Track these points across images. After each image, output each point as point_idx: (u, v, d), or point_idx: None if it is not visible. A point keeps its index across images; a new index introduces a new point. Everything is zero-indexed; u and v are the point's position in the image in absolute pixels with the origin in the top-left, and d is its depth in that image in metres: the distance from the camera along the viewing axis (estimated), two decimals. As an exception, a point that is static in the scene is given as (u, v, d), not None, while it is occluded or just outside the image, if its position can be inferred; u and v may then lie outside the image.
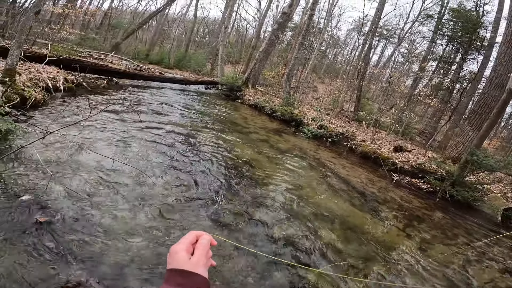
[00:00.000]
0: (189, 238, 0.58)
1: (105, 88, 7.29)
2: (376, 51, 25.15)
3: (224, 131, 6.32)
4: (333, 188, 4.67)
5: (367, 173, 6.20)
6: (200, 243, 0.58)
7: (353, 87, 13.06)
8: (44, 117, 4.25)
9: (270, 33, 13.74)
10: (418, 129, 12.69)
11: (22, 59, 5.67)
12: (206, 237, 0.60)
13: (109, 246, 2.12)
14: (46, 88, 5.28)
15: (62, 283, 1.70)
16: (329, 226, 3.35)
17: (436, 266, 3.10)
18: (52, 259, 1.88)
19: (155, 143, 4.39)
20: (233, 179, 3.90)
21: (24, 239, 1.96)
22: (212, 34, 27.30)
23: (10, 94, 4.15)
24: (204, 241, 0.59)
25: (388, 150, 7.56)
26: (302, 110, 10.26)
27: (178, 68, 17.47)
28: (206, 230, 2.56)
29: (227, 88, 11.87)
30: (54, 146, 3.34)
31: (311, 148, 7.03)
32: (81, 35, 13.26)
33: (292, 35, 23.41)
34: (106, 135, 4.19)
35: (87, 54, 9.53)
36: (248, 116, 8.90)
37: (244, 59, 17.43)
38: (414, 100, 12.22)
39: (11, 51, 4.52)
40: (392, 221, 4.08)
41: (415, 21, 18.70)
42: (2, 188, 2.40)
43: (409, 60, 18.36)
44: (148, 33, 25.01)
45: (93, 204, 2.51)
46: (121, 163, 3.27)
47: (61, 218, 2.25)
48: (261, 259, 2.44)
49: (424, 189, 6.07)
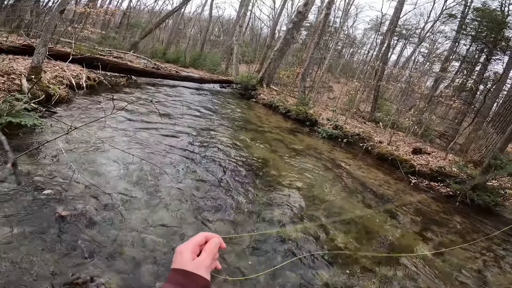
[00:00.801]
0: (197, 239, 0.58)
1: (124, 85, 7.50)
2: (395, 51, 24.51)
3: (239, 130, 6.36)
4: (348, 189, 4.60)
5: (384, 175, 6.07)
6: (208, 246, 0.58)
7: (370, 87, 12.79)
8: (68, 113, 4.42)
9: (285, 32, 13.67)
10: (439, 131, 12.27)
11: (47, 57, 5.91)
12: (216, 240, 0.59)
13: (126, 241, 2.16)
14: (70, 85, 5.48)
15: (74, 278, 1.73)
16: (342, 228, 3.32)
17: (452, 270, 3.01)
18: (70, 253, 1.92)
19: (172, 140, 4.48)
20: (247, 178, 3.92)
21: (45, 232, 2.02)
22: (227, 33, 27.49)
23: (36, 91, 4.33)
24: (213, 244, 0.58)
25: (406, 152, 7.37)
26: (317, 110, 10.15)
27: (194, 67, 17.71)
28: (217, 227, 2.61)
29: (241, 87, 11.92)
30: (77, 141, 3.47)
31: (326, 149, 6.95)
32: (102, 34, 13.67)
33: (307, 34, 23.19)
34: (127, 131, 4.32)
35: (108, 52, 9.82)
36: (263, 115, 8.91)
37: (259, 58, 17.43)
38: (435, 101, 11.82)
39: (37, 49, 4.70)
40: (409, 224, 3.98)
41: (437, 21, 18.05)
42: (27, 181, 2.50)
43: (430, 60, 17.75)
44: (165, 32, 25.48)
45: (112, 199, 2.58)
46: (140, 159, 3.36)
47: (81, 213, 2.31)
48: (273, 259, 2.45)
49: (443, 192, 5.89)
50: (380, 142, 7.82)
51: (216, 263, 0.60)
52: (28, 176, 2.57)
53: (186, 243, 0.57)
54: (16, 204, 2.18)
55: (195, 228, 2.54)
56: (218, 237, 0.60)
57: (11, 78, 4.35)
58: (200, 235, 0.59)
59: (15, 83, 4.25)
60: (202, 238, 0.59)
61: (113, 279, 1.82)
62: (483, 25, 11.76)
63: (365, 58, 24.40)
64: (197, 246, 0.57)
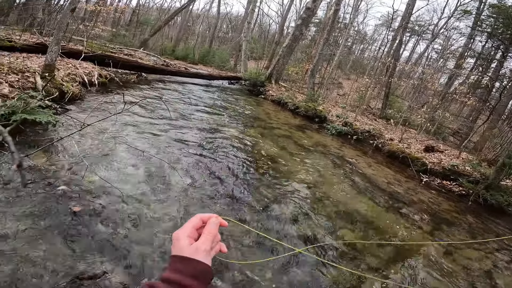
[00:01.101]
0: (192, 222, 0.55)
1: (135, 82, 7.59)
2: (407, 47, 23.97)
3: (247, 126, 6.36)
4: (357, 187, 4.55)
5: (394, 173, 5.97)
6: (207, 228, 0.54)
7: (381, 84, 12.55)
8: (81, 110, 4.51)
9: (293, 28, 13.53)
10: (452, 129, 11.96)
11: (60, 55, 6.02)
12: (214, 220, 0.55)
13: (136, 237, 2.20)
14: (82, 82, 5.58)
15: (79, 274, 1.76)
16: (350, 225, 3.29)
17: (461, 270, 2.96)
18: (81, 248, 1.96)
19: (182, 136, 4.52)
20: (255, 174, 3.93)
21: (58, 228, 2.06)
22: (235, 30, 27.42)
23: (50, 89, 4.42)
24: (212, 225, 0.55)
25: (418, 150, 7.22)
26: (326, 107, 10.05)
27: (203, 63, 17.76)
28: None
29: (250, 83, 11.92)
30: (90, 138, 3.54)
31: (335, 145, 6.88)
32: (113, 32, 13.85)
33: (316, 30, 22.92)
34: (137, 128, 4.38)
35: (118, 50, 9.94)
36: (271, 112, 8.88)
37: (267, 55, 17.33)
38: (448, 98, 11.51)
39: (50, 47, 4.79)
40: (419, 223, 3.92)
41: (451, 17, 17.53)
42: (41, 177, 2.56)
43: (444, 56, 17.27)
44: (174, 30, 25.59)
45: (123, 195, 2.63)
46: (150, 155, 3.40)
47: (93, 208, 2.36)
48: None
49: (455, 191, 5.76)
50: (391, 139, 7.68)
51: (220, 245, 0.57)
52: (42, 172, 2.64)
53: (182, 228, 0.53)
54: (32, 199, 2.25)
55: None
56: (216, 217, 0.56)
57: (26, 76, 4.45)
58: (196, 217, 0.56)
59: (29, 80, 4.35)
60: (198, 220, 0.55)
61: (121, 274, 1.85)
62: (499, 22, 11.38)
63: (376, 54, 23.95)
64: (193, 229, 0.54)
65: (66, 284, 1.68)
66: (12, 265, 1.69)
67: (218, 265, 2.06)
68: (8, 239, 1.84)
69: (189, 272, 0.48)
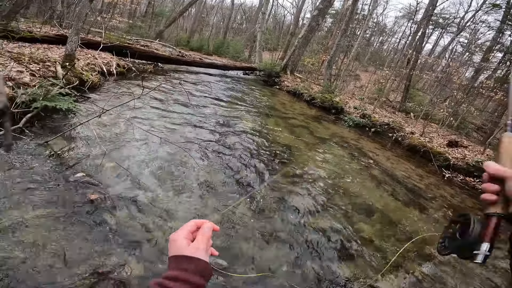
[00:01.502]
0: (188, 226, 0.60)
1: (151, 72, 7.65)
2: (430, 40, 22.94)
3: (263, 115, 6.29)
4: (375, 180, 4.41)
5: (415, 167, 5.75)
6: (202, 231, 0.59)
7: (401, 76, 12.08)
8: (100, 98, 4.56)
9: (309, 19, 13.16)
10: (476, 124, 11.40)
11: (80, 45, 6.12)
12: (208, 225, 0.61)
13: (152, 227, 2.16)
14: (101, 72, 5.67)
15: (98, 267, 1.72)
16: (367, 220, 3.18)
17: (481, 269, 2.82)
18: (97, 238, 1.92)
19: (198, 125, 4.51)
20: (271, 164, 3.86)
21: (74, 216, 2.04)
22: (249, 21, 27.09)
23: (70, 77, 4.50)
24: (206, 229, 0.60)
25: (441, 145, 6.92)
26: (343, 98, 9.79)
27: (217, 54, 17.71)
28: (240, 211, 2.58)
29: (265, 74, 11.81)
30: (109, 125, 3.57)
31: (352, 137, 6.70)
32: (129, 24, 13.97)
33: (333, 22, 22.26)
34: (156, 115, 4.40)
35: (135, 41, 10.00)
36: (287, 102, 8.74)
37: (282, 46, 17.03)
38: (474, 93, 10.94)
39: (70, 37, 4.86)
40: (440, 219, 3.75)
41: (479, 10, 16.61)
42: (59, 164, 2.57)
43: (470, 50, 16.40)
44: (188, 21, 25.57)
45: (140, 183, 2.62)
46: (168, 142, 3.40)
47: (110, 196, 2.33)
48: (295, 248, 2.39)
49: (479, 189, 5.49)
50: (411, 133, 7.39)
51: (212, 249, 0.62)
52: (61, 158, 2.66)
53: (178, 231, 0.58)
54: (50, 187, 2.26)
55: (219, 211, 2.54)
56: (209, 222, 0.62)
57: (46, 65, 4.54)
58: (191, 222, 0.61)
59: (50, 70, 4.43)
60: (193, 225, 0.61)
61: (137, 267, 1.81)
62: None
63: (396, 46, 23.05)
64: (189, 233, 0.59)
65: (82, 275, 1.66)
66: (28, 254, 1.67)
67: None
68: (25, 227, 1.84)
69: (194, 270, 0.52)
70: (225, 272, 1.93)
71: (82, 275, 1.66)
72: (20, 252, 1.68)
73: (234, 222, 2.48)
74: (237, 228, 2.42)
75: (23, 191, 2.12)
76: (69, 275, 1.64)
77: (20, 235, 1.78)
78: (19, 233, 1.79)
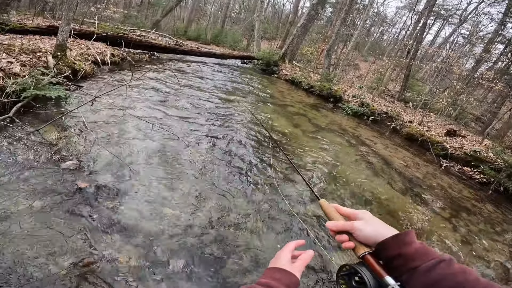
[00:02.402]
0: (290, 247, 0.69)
1: (147, 61, 7.53)
2: (431, 31, 22.60)
3: (261, 103, 6.23)
4: (373, 168, 4.39)
5: (412, 156, 5.73)
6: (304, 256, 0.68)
7: (401, 66, 11.93)
8: (92, 87, 4.49)
9: (309, 8, 12.90)
10: (474, 115, 11.34)
11: (73, 36, 5.99)
12: (310, 253, 0.69)
13: (144, 215, 2.13)
14: (95, 62, 5.57)
15: (86, 256, 1.71)
16: (364, 207, 3.17)
17: (476, 261, 2.85)
18: (85, 227, 1.90)
19: (194, 111, 4.45)
20: (267, 151, 3.82)
21: (63, 205, 2.01)
22: (248, 10, 26.61)
23: (62, 67, 4.43)
24: (307, 256, 0.68)
25: (439, 134, 6.88)
26: (341, 87, 9.70)
27: (215, 44, 17.44)
28: (236, 202, 2.55)
29: (263, 63, 11.69)
30: (100, 113, 3.52)
31: (350, 125, 6.66)
32: (124, 14, 13.68)
33: (333, 11, 21.87)
34: (148, 102, 4.34)
35: (131, 31, 9.82)
36: (285, 91, 8.67)
37: (281, 35, 16.77)
38: (473, 83, 10.83)
39: (61, 28, 4.79)
40: (437, 209, 3.76)
41: (481, 2, 16.38)
42: (50, 152, 2.53)
43: (471, 42, 16.21)
44: (186, 10, 25.07)
45: (131, 171, 2.58)
46: (161, 129, 3.35)
47: (100, 185, 2.29)
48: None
49: (476, 179, 5.50)
50: (410, 122, 7.35)
51: None
52: (51, 147, 2.61)
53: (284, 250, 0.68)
54: (39, 175, 2.23)
55: (212, 201, 2.51)
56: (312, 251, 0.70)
57: (37, 55, 4.45)
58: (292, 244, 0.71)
59: (41, 60, 4.35)
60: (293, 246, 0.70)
61: (127, 255, 1.79)
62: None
63: (396, 37, 22.71)
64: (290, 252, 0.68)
65: (70, 265, 1.64)
66: (15, 246, 1.65)
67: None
68: (12, 217, 1.81)
69: (285, 282, 0.59)
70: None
71: (72, 264, 1.64)
72: (8, 242, 1.65)
73: (225, 209, 2.47)
74: (228, 215, 2.40)
75: (13, 180, 2.09)
76: (59, 264, 1.62)
77: (9, 224, 1.76)
78: (9, 222, 1.77)
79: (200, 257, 1.93)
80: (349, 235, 0.60)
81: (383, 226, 0.59)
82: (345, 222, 0.62)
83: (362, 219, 0.61)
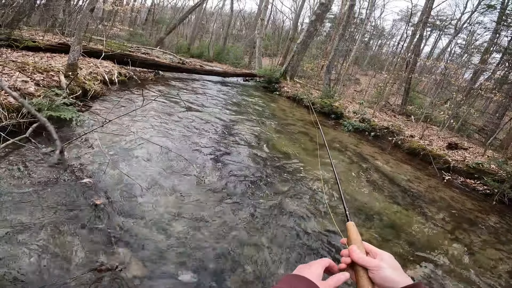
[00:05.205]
0: (324, 262, 0.64)
1: (152, 80, 7.75)
2: (428, 42, 23.10)
3: (263, 122, 6.35)
4: (375, 184, 4.44)
5: (414, 170, 5.78)
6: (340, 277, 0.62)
7: (401, 80, 12.16)
8: (103, 108, 4.65)
9: (308, 24, 13.31)
10: (477, 126, 11.42)
11: (82, 54, 6.23)
12: (347, 275, 0.64)
13: (153, 231, 2.24)
14: (103, 81, 5.76)
15: (97, 266, 1.81)
16: (367, 223, 3.21)
17: (481, 272, 2.84)
18: (100, 240, 2.02)
19: (199, 132, 4.58)
20: (270, 171, 3.91)
21: (80, 219, 2.14)
22: (248, 27, 27.41)
23: (74, 87, 4.59)
24: (344, 277, 0.63)
25: (440, 147, 6.94)
26: (342, 103, 9.86)
27: (217, 61, 17.90)
28: (239, 219, 2.62)
29: (265, 80, 11.90)
30: (111, 134, 3.65)
31: (351, 142, 6.75)
32: (130, 31, 14.20)
33: (331, 26, 22.48)
34: (156, 123, 4.47)
35: (136, 49, 10.16)
36: (287, 108, 8.82)
37: (282, 51, 17.20)
38: (473, 94, 10.99)
39: (72, 47, 4.96)
40: (440, 222, 3.77)
41: (474, 11, 16.77)
42: (66, 171, 2.67)
43: (468, 51, 16.52)
44: (188, 28, 25.87)
45: (143, 190, 2.69)
46: (168, 150, 3.46)
47: (114, 201, 2.43)
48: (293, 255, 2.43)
49: (479, 190, 5.51)
50: (411, 136, 7.43)
51: None
52: (68, 166, 2.75)
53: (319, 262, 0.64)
54: (57, 192, 2.35)
55: (218, 219, 2.58)
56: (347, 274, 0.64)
57: (50, 75, 4.64)
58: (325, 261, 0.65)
59: (53, 79, 4.53)
60: (327, 263, 0.65)
61: (137, 267, 1.88)
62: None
63: (394, 49, 23.20)
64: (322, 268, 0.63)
65: (85, 275, 1.73)
66: (35, 257, 1.76)
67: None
68: (32, 231, 1.93)
69: None
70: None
71: (86, 275, 1.73)
72: (27, 254, 1.76)
73: (228, 225, 2.53)
74: (234, 230, 2.47)
75: (31, 197, 2.21)
76: (74, 275, 1.72)
77: (28, 237, 1.87)
78: (27, 235, 1.89)
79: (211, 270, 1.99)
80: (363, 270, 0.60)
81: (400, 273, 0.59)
82: (370, 258, 0.62)
83: (382, 260, 0.61)
